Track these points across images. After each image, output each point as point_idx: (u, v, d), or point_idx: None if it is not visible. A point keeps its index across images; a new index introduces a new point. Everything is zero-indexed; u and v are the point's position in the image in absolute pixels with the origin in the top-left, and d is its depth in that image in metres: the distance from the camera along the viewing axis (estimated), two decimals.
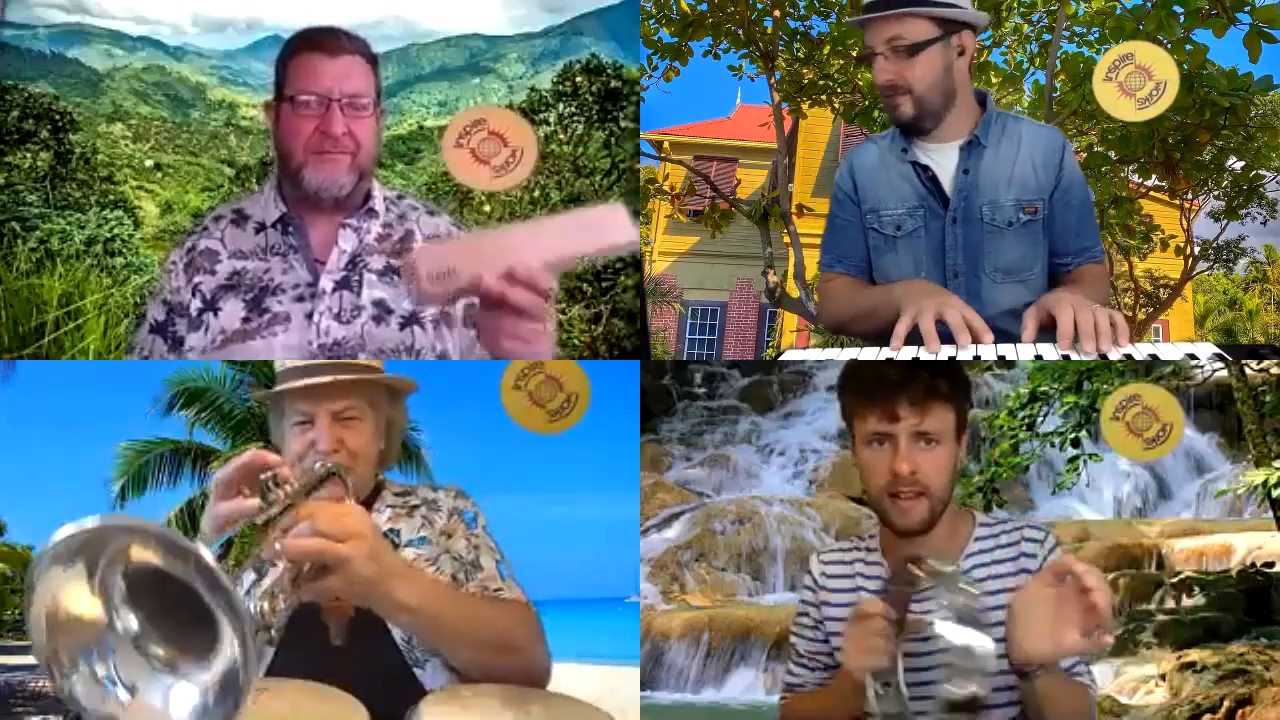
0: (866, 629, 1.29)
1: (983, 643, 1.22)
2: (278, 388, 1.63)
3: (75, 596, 1.09)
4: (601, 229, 1.44)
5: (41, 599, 1.07)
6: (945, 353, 1.77)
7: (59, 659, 1.09)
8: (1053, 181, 2.08)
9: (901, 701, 1.27)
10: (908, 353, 1.79)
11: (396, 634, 1.53)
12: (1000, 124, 2.09)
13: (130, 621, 1.11)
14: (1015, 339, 1.94)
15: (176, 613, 1.10)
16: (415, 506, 1.66)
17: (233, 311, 1.76)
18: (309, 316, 1.77)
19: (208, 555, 1.04)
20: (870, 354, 1.91)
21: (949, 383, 1.41)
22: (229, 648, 1.07)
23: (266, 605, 1.24)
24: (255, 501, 1.34)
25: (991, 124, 2.07)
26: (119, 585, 1.10)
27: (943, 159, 2.08)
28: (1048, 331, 1.82)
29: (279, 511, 1.29)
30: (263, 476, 1.34)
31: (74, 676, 1.09)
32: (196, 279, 1.79)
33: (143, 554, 1.08)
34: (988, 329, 1.78)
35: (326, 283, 1.79)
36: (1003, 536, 1.46)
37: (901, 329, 1.80)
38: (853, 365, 1.54)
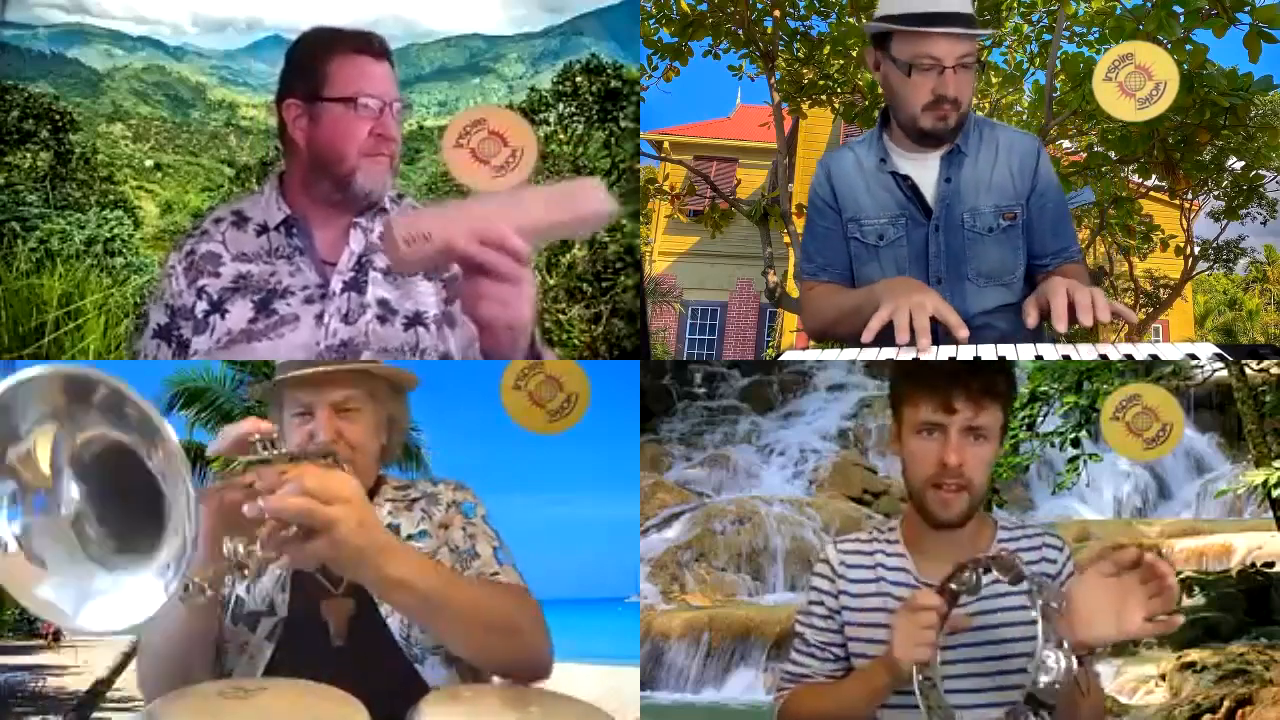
0: (920, 621, 1.29)
1: (1061, 639, 1.23)
2: (278, 376, 1.63)
3: (39, 448, 1.07)
4: (576, 198, 1.46)
5: (15, 440, 1.05)
6: (945, 353, 1.78)
7: None
8: (1029, 186, 2.11)
9: (939, 696, 1.28)
10: (907, 353, 1.80)
11: (395, 631, 1.53)
12: (978, 131, 2.11)
13: (73, 494, 1.09)
14: (999, 335, 1.99)
15: (126, 501, 1.08)
16: (415, 500, 1.65)
17: (240, 313, 1.75)
18: (318, 317, 1.76)
19: (173, 436, 1.01)
20: (870, 354, 1.92)
21: (1005, 381, 1.44)
22: (166, 552, 1.04)
23: (241, 548, 1.21)
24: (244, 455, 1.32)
25: (971, 132, 2.09)
26: (71, 452, 1.07)
27: (923, 168, 2.10)
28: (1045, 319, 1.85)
29: (261, 460, 1.27)
30: (253, 439, 1.33)
31: None
32: (201, 281, 1.78)
33: (106, 429, 1.05)
34: (963, 324, 1.81)
35: (336, 283, 1.78)
36: (1024, 542, 1.48)
37: (875, 324, 1.82)
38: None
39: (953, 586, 1.31)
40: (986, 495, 1.45)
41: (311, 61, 1.78)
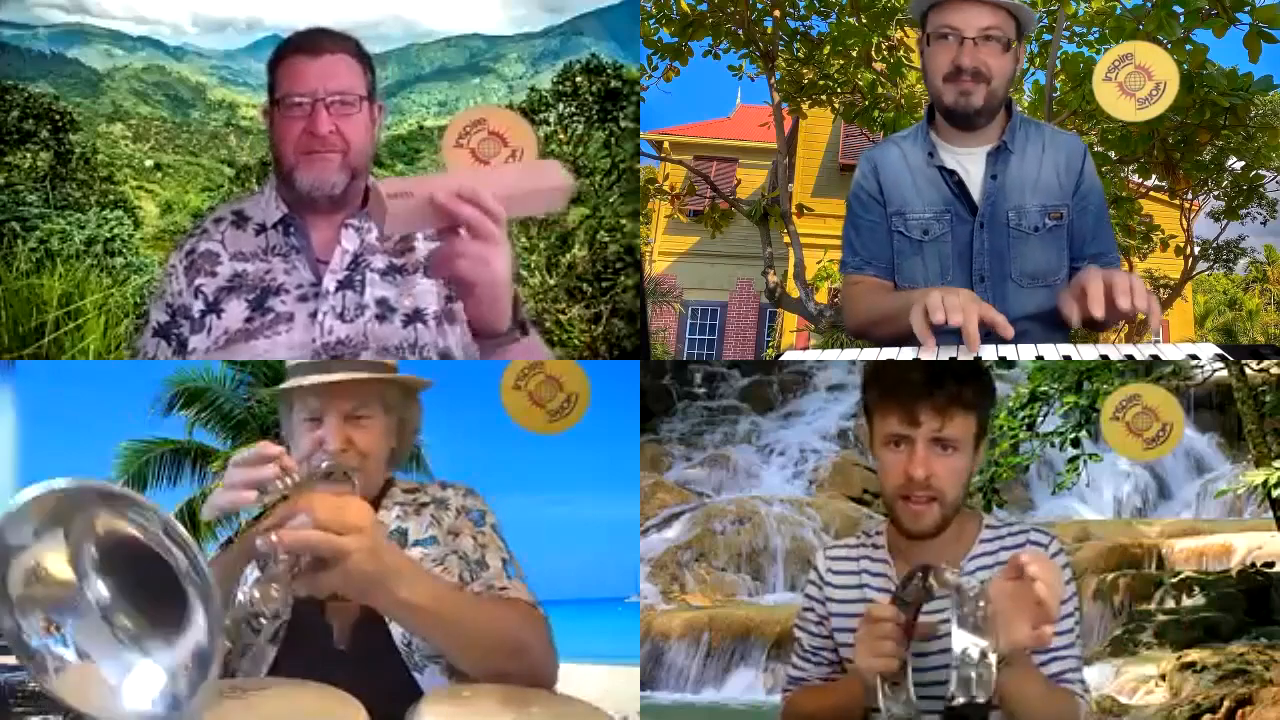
0: (876, 632, 1.28)
1: (989, 651, 1.20)
2: (287, 383, 1.62)
3: (49, 558, 1.10)
4: (541, 171, 1.58)
5: (16, 556, 1.08)
6: (945, 353, 1.77)
7: (21, 610, 1.10)
8: (1074, 186, 2.09)
9: (910, 705, 1.26)
10: (908, 353, 1.79)
11: (397, 637, 1.53)
12: (1024, 130, 2.10)
13: (100, 589, 1.12)
14: (1039, 340, 1.96)
15: (149, 587, 1.11)
16: (424, 505, 1.65)
17: (235, 312, 1.76)
18: (312, 316, 1.77)
19: (183, 530, 1.03)
20: (870, 354, 1.91)
21: (974, 391, 1.41)
22: (198, 631, 1.06)
23: (258, 594, 1.22)
24: (253, 493, 1.33)
25: (1017, 130, 2.08)
26: (91, 552, 1.11)
27: (970, 164, 2.08)
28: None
29: (275, 500, 1.28)
30: (269, 478, 1.33)
31: (29, 627, 1.10)
32: (198, 281, 1.79)
33: (119, 523, 1.08)
34: (1008, 325, 1.79)
35: (330, 282, 1.79)
36: (1008, 539, 1.46)
37: (924, 327, 1.78)
38: (878, 364, 1.54)
39: (903, 597, 1.29)
40: (960, 504, 1.42)
41: (270, 66, 1.81)
